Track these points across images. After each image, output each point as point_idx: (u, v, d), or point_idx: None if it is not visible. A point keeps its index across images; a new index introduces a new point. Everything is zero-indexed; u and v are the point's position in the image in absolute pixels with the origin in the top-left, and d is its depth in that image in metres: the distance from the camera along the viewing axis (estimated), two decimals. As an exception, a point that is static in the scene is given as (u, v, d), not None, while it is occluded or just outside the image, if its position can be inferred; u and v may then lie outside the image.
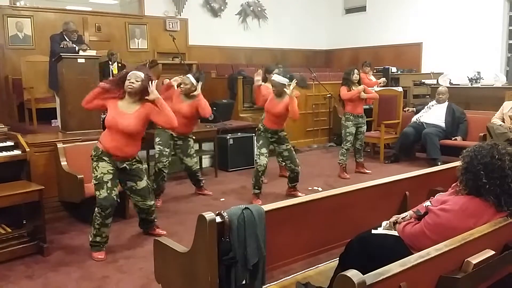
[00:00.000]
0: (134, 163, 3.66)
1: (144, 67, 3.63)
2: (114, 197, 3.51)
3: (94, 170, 3.52)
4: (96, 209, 3.51)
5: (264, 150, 4.88)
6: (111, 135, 3.51)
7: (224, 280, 2.06)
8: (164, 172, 4.86)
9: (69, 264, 3.44)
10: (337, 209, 2.55)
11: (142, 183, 3.70)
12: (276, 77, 4.82)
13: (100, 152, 3.51)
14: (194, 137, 5.13)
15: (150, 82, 3.47)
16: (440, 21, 9.73)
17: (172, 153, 4.99)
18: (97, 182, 3.49)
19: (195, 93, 4.79)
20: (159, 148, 4.84)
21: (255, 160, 5.01)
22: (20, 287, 3.10)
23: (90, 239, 3.57)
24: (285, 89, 4.71)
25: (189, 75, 4.90)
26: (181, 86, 4.78)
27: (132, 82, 3.42)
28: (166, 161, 4.85)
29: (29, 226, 3.65)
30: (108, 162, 3.50)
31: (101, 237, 3.54)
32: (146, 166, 4.21)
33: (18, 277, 3.23)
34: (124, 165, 3.58)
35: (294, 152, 5.10)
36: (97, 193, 3.48)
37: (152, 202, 3.82)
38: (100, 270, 3.34)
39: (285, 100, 4.80)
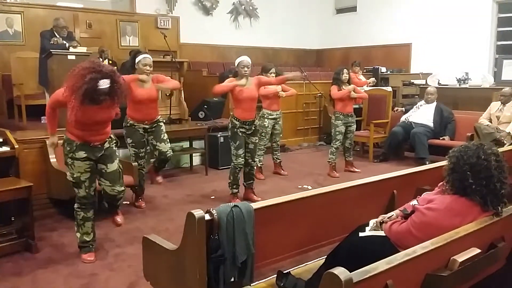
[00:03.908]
0: (109, 142, 3.49)
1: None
2: (92, 193, 3.47)
3: (70, 167, 3.37)
4: (75, 205, 3.47)
5: (241, 152, 4.75)
6: None
7: (212, 277, 2.06)
8: (143, 172, 4.75)
9: (58, 261, 3.43)
10: (326, 207, 2.56)
11: (113, 166, 3.48)
12: (243, 58, 4.77)
13: (74, 147, 3.32)
14: (164, 120, 4.96)
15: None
16: (429, 22, 9.80)
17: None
18: (74, 181, 3.39)
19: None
20: (134, 150, 4.62)
21: (232, 158, 4.80)
22: (8, 284, 3.08)
23: (78, 240, 3.51)
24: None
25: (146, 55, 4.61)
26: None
27: None
28: (143, 161, 4.72)
29: (18, 223, 3.63)
30: (83, 160, 3.34)
31: (88, 234, 3.49)
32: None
33: (6, 274, 3.22)
34: (102, 152, 3.42)
35: (257, 148, 5.10)
36: (76, 190, 3.42)
37: (122, 188, 3.57)
38: (89, 268, 3.34)
39: (253, 81, 4.78)
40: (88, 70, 3.10)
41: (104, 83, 3.10)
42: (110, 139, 3.50)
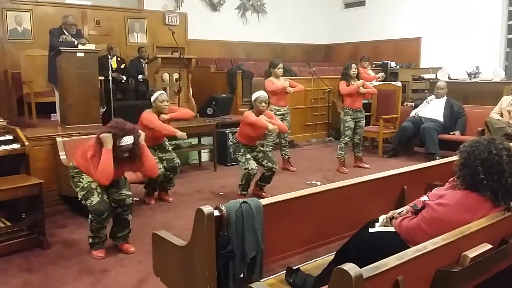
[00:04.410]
0: None
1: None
2: (107, 200, 3.41)
3: (79, 182, 3.43)
4: (90, 216, 3.39)
5: (249, 156, 4.80)
6: None
7: (222, 273, 2.06)
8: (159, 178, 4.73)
9: (69, 258, 3.46)
10: (335, 203, 2.55)
11: None
12: (260, 93, 4.83)
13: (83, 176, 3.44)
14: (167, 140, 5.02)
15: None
16: (439, 15, 9.72)
17: None
18: (85, 191, 3.38)
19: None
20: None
21: (244, 166, 4.75)
22: (20, 280, 3.11)
23: (90, 240, 3.51)
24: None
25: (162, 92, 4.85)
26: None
27: None
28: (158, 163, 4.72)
29: (29, 220, 3.67)
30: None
31: (99, 238, 3.50)
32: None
33: (18, 271, 3.25)
34: None
35: (267, 151, 5.14)
36: (89, 201, 3.36)
37: (129, 193, 3.58)
38: (99, 264, 3.36)
39: (265, 117, 4.82)
40: (110, 128, 3.26)
41: (127, 140, 3.24)
42: None
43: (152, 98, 4.67)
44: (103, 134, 3.26)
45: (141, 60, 8.14)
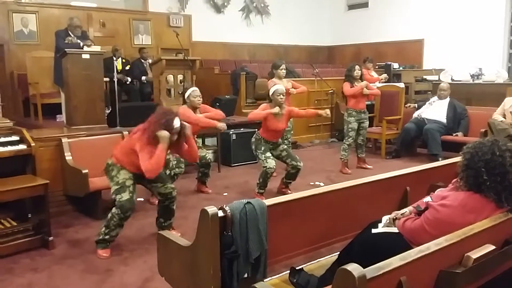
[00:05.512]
0: None
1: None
2: (135, 200, 3.57)
3: (116, 176, 3.51)
4: (114, 209, 3.46)
5: (269, 154, 4.87)
6: None
7: (226, 273, 2.08)
8: (176, 177, 4.89)
9: (74, 257, 3.48)
10: (338, 204, 2.57)
11: None
12: (277, 86, 4.90)
13: (121, 168, 3.54)
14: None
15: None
16: (442, 17, 9.73)
17: None
18: (119, 186, 3.47)
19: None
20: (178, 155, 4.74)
21: (263, 164, 4.82)
22: (25, 280, 3.13)
23: (99, 237, 3.53)
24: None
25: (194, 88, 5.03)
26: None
27: None
28: (183, 167, 4.90)
29: (34, 220, 3.69)
30: (128, 171, 3.54)
31: (110, 236, 3.53)
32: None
33: (23, 270, 3.27)
34: None
35: (290, 149, 5.15)
36: (119, 196, 3.45)
37: (173, 186, 3.79)
38: (104, 263, 3.38)
39: (285, 112, 4.89)
40: (162, 115, 3.44)
41: (177, 122, 3.46)
42: None
43: (186, 94, 4.93)
44: (162, 132, 3.39)
45: (142, 60, 8.19)
